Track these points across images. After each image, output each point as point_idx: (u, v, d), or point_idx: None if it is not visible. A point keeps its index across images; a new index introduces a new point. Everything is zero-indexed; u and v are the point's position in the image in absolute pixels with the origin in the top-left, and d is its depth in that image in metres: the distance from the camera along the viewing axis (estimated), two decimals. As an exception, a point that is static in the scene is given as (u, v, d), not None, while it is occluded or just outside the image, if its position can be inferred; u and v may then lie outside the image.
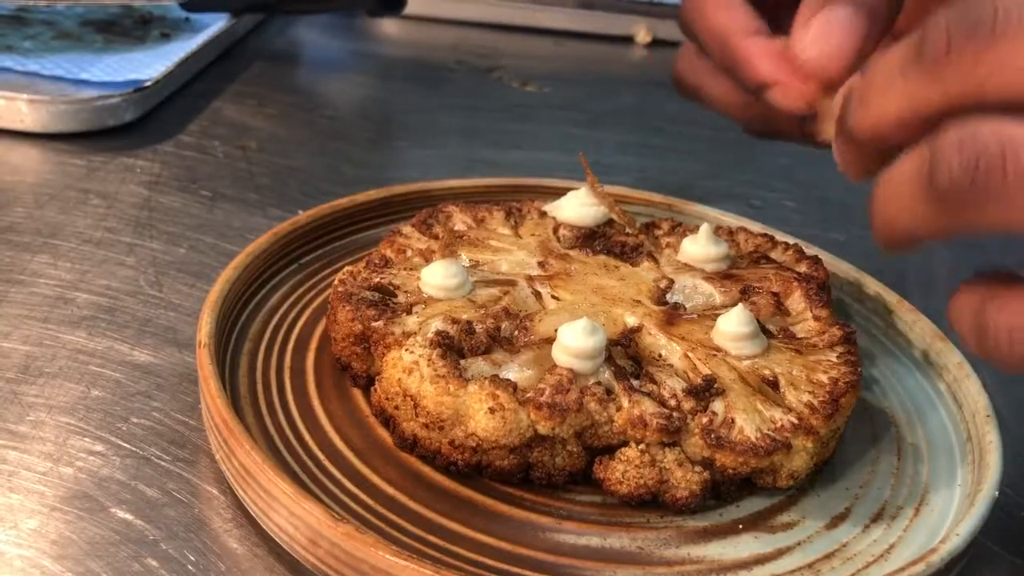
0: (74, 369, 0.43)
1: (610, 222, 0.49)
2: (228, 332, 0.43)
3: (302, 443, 0.38)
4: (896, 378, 0.46)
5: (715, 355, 0.40)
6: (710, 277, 0.45)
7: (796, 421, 0.37)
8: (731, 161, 0.74)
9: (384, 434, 0.39)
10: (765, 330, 0.42)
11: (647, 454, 0.36)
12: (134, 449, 0.39)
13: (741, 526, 0.37)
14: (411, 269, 0.44)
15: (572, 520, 0.37)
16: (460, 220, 0.48)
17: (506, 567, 0.34)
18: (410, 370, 0.37)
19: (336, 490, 0.36)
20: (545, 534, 0.36)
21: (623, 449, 0.37)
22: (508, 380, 0.37)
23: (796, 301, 0.44)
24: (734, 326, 0.40)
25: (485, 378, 0.36)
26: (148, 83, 0.67)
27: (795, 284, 0.44)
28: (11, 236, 0.52)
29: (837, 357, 0.41)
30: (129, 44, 0.75)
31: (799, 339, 0.42)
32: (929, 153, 0.28)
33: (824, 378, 0.39)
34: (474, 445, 0.36)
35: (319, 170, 0.65)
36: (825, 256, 0.50)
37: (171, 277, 0.51)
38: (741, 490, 0.38)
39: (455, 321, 0.39)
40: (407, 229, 0.47)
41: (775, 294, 0.44)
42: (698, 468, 0.37)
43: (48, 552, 0.34)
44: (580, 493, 0.38)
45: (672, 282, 0.45)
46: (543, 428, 0.36)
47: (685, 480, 0.36)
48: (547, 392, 0.36)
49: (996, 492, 0.36)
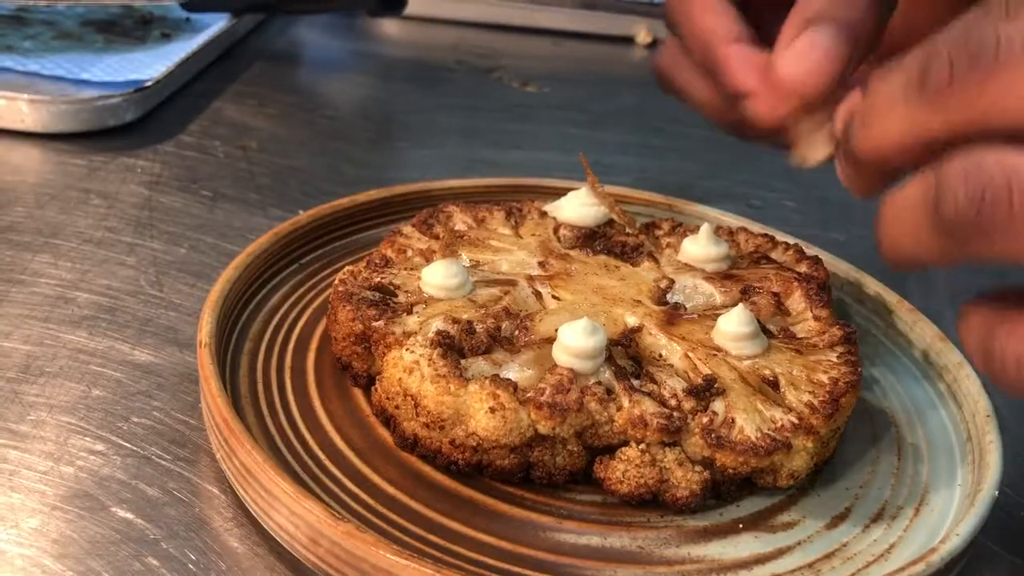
0: (75, 369, 0.43)
1: (610, 222, 0.49)
2: (229, 332, 0.43)
3: (303, 442, 0.38)
4: (896, 378, 0.46)
5: (715, 355, 0.40)
6: (710, 277, 0.45)
7: (796, 421, 0.37)
8: (731, 161, 0.74)
9: (385, 433, 0.39)
10: (765, 330, 0.42)
11: (647, 454, 0.36)
12: (135, 448, 0.39)
13: (741, 526, 0.37)
14: (412, 269, 0.44)
15: (573, 519, 0.37)
16: (460, 220, 0.48)
17: (507, 566, 0.34)
18: (411, 370, 0.37)
19: (337, 489, 0.36)
20: (546, 533, 0.36)
21: (623, 449, 0.37)
22: (508, 380, 0.37)
23: (796, 301, 0.44)
24: (734, 326, 0.40)
25: (486, 378, 0.36)
26: (149, 83, 0.67)
27: (795, 284, 0.44)
28: (12, 236, 0.53)
29: (837, 357, 0.41)
30: (130, 44, 0.75)
31: (799, 339, 0.42)
32: (934, 182, 0.28)
33: (824, 378, 0.39)
34: (475, 444, 0.36)
35: (320, 170, 0.65)
36: (825, 256, 0.50)
37: (172, 277, 0.51)
38: (741, 490, 0.38)
39: (456, 321, 0.39)
40: (408, 229, 0.47)
41: (775, 294, 0.44)
42: (698, 468, 0.37)
43: (49, 551, 0.34)
44: (580, 492, 0.38)
45: (672, 282, 0.45)
46: (543, 428, 0.36)
47: (685, 480, 0.37)
48: (547, 392, 0.36)
49: (996, 492, 0.36)
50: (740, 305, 0.41)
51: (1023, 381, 0.29)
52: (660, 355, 0.40)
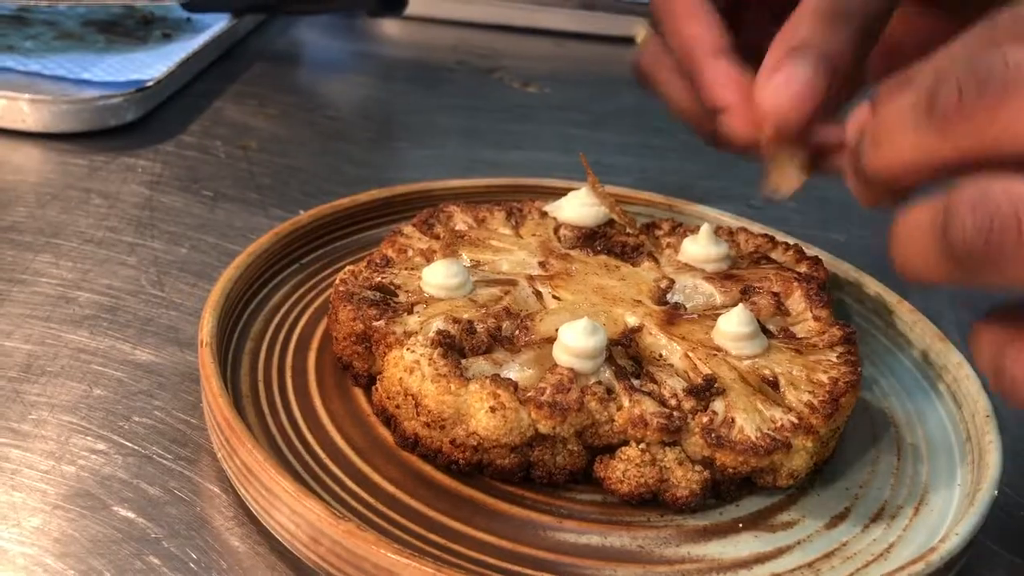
0: (76, 368, 0.43)
1: (611, 222, 0.49)
2: (230, 331, 0.43)
3: (303, 442, 0.38)
4: (896, 378, 0.46)
5: (715, 355, 0.40)
6: (710, 277, 0.45)
7: (796, 421, 0.37)
8: (731, 161, 0.74)
9: (385, 433, 0.39)
10: (765, 330, 0.42)
11: (647, 453, 0.37)
12: (136, 448, 0.39)
13: (741, 525, 0.37)
14: (412, 269, 0.44)
15: (573, 519, 0.37)
16: (461, 220, 0.48)
17: (507, 565, 0.34)
18: (411, 369, 0.37)
19: (337, 488, 0.36)
20: (546, 533, 0.36)
21: (624, 448, 0.37)
22: (509, 379, 0.37)
23: (796, 301, 0.44)
24: (734, 326, 0.40)
25: (486, 377, 0.37)
26: (150, 83, 0.67)
27: (795, 284, 0.45)
28: (13, 235, 0.53)
29: (837, 357, 0.41)
30: (131, 44, 0.75)
31: (799, 339, 0.42)
32: (942, 209, 0.28)
33: (824, 378, 0.39)
34: (475, 444, 0.36)
35: (320, 170, 0.66)
36: (825, 256, 0.50)
37: (173, 276, 0.51)
38: (741, 489, 0.38)
39: (456, 320, 0.40)
40: (408, 229, 0.47)
41: (775, 294, 0.44)
42: (698, 467, 0.37)
43: (50, 550, 0.34)
44: (581, 492, 0.38)
45: (673, 282, 0.45)
46: (544, 427, 0.36)
47: (685, 479, 0.37)
48: (548, 391, 0.36)
49: (995, 492, 0.36)
50: (740, 305, 0.41)
51: None
52: (660, 355, 0.40)
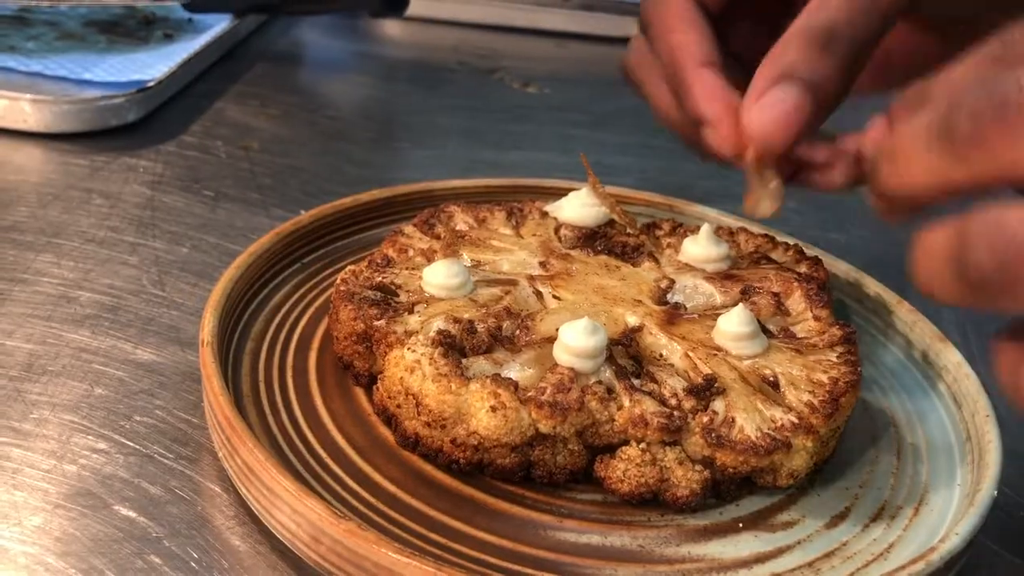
0: (77, 367, 0.43)
1: (611, 222, 0.49)
2: (231, 331, 0.43)
3: (304, 441, 0.38)
4: (896, 378, 0.46)
5: (716, 355, 0.40)
6: (711, 277, 0.45)
7: (796, 420, 0.37)
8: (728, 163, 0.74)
9: (386, 432, 0.40)
10: (765, 330, 0.42)
11: (648, 453, 0.37)
12: (137, 447, 0.39)
13: (741, 525, 0.37)
14: (413, 269, 0.44)
15: (573, 518, 0.37)
16: (462, 220, 0.49)
17: (507, 565, 0.34)
18: (412, 369, 0.37)
19: (338, 488, 0.36)
20: (546, 532, 0.36)
21: (624, 448, 0.37)
22: (509, 379, 0.37)
23: (796, 301, 0.44)
24: (735, 326, 0.40)
25: (487, 377, 0.37)
26: (151, 83, 0.68)
27: (795, 284, 0.45)
28: (15, 235, 0.53)
29: (837, 357, 0.41)
30: (132, 45, 0.75)
31: (799, 339, 0.42)
32: (958, 235, 0.28)
33: (824, 378, 0.39)
34: (476, 443, 0.37)
35: (321, 170, 0.66)
36: (825, 257, 0.50)
37: (174, 276, 0.51)
38: (741, 489, 0.38)
39: (457, 320, 0.40)
40: (409, 229, 0.48)
41: (775, 294, 0.44)
42: (698, 467, 0.37)
43: (52, 549, 0.34)
44: (581, 491, 0.38)
45: (673, 282, 0.45)
46: (544, 427, 0.36)
47: (686, 479, 0.37)
48: (548, 391, 0.36)
49: (995, 492, 0.37)
50: (740, 305, 0.41)
51: None
52: (660, 355, 0.40)
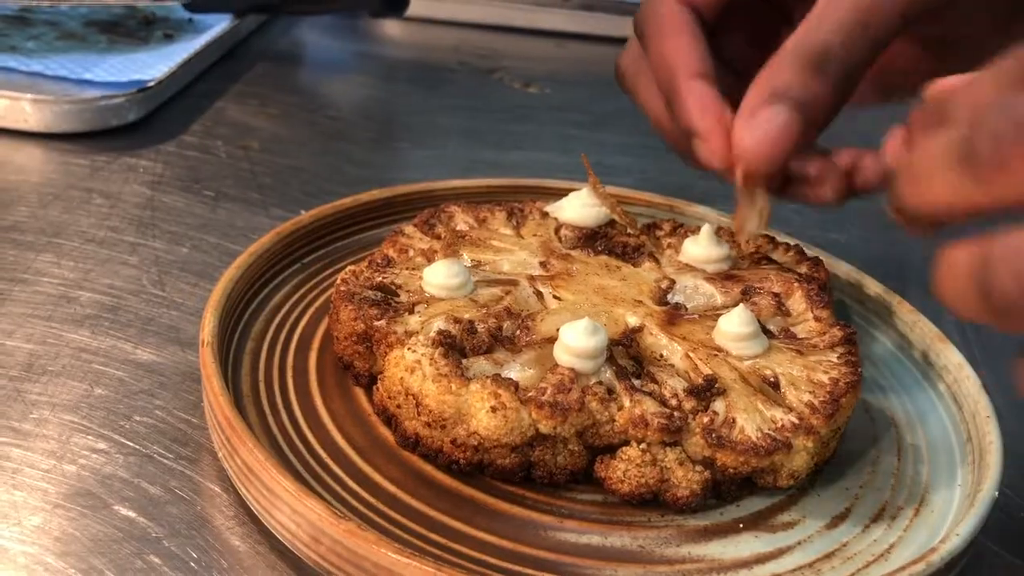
0: (77, 367, 0.43)
1: (612, 223, 0.49)
2: (231, 331, 0.43)
3: (304, 441, 0.38)
4: (896, 379, 0.46)
5: (716, 355, 0.40)
6: (711, 278, 0.45)
7: (797, 421, 0.37)
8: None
9: (386, 432, 0.40)
10: (766, 330, 0.42)
11: (648, 453, 0.37)
12: (137, 447, 0.39)
13: (742, 525, 0.37)
14: (413, 269, 0.44)
15: (573, 519, 0.37)
16: (462, 220, 0.48)
17: (507, 565, 0.34)
18: (412, 369, 0.37)
19: (338, 488, 0.36)
20: (546, 532, 0.36)
21: (624, 448, 0.37)
22: (510, 379, 0.37)
23: (797, 302, 0.44)
24: (735, 326, 0.40)
25: (487, 377, 0.37)
26: (151, 83, 0.67)
27: (796, 285, 0.45)
28: (15, 235, 0.53)
29: (838, 357, 0.41)
30: (133, 45, 0.75)
31: (800, 339, 0.42)
32: (981, 259, 0.28)
33: (825, 378, 0.39)
34: (476, 444, 0.37)
35: (321, 170, 0.66)
36: (826, 257, 0.50)
37: (174, 276, 0.51)
38: (742, 489, 0.38)
39: (457, 320, 0.40)
40: (409, 229, 0.47)
41: (776, 295, 0.44)
42: (699, 467, 0.37)
43: (51, 549, 0.34)
44: (581, 492, 0.38)
45: (673, 282, 0.45)
46: (544, 427, 0.36)
47: (686, 479, 0.37)
48: (549, 391, 0.36)
49: (996, 492, 0.37)
50: (741, 305, 0.41)
51: None
52: (661, 355, 0.40)
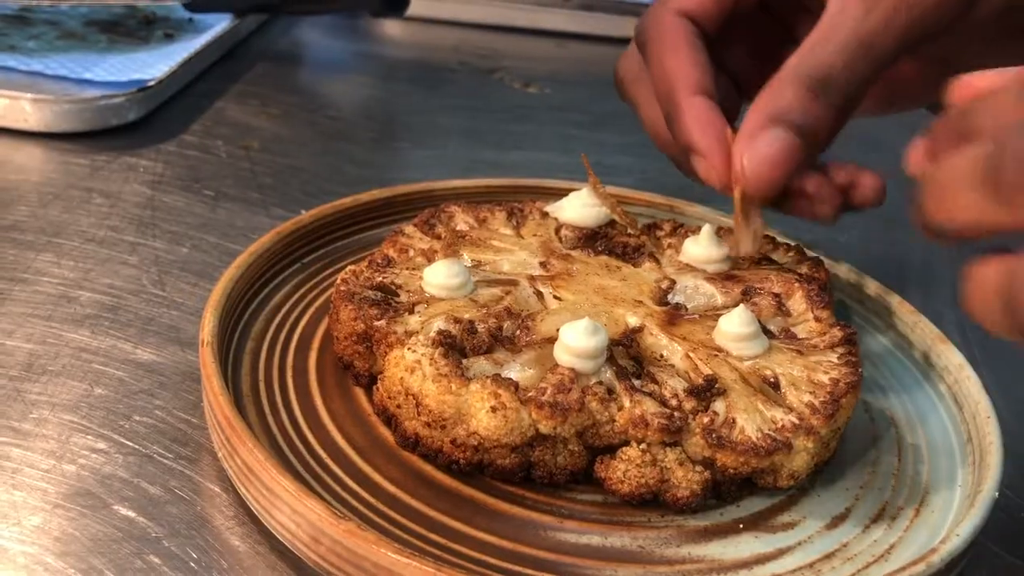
0: (77, 367, 0.43)
1: (612, 223, 0.49)
2: (231, 331, 0.43)
3: (304, 441, 0.38)
4: (897, 379, 0.46)
5: (716, 355, 0.40)
6: (712, 278, 0.45)
7: (797, 421, 0.37)
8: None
9: (386, 433, 0.39)
10: (766, 331, 0.42)
11: (648, 454, 0.37)
12: (137, 447, 0.39)
13: (742, 526, 0.37)
14: (413, 269, 0.44)
15: (573, 519, 0.37)
16: (462, 220, 0.48)
17: (507, 565, 0.34)
18: (412, 369, 0.37)
19: (338, 488, 0.36)
20: (546, 533, 0.36)
21: (624, 448, 0.37)
22: (510, 379, 0.37)
23: (797, 302, 0.44)
24: (735, 327, 0.40)
25: (487, 377, 0.37)
26: (151, 83, 0.67)
27: (796, 285, 0.45)
28: (15, 235, 0.53)
29: (838, 358, 0.41)
30: (133, 44, 0.75)
31: (800, 340, 0.42)
32: (1009, 276, 0.28)
33: (825, 379, 0.39)
34: (476, 444, 0.36)
35: (322, 170, 0.66)
36: (826, 258, 0.50)
37: (174, 276, 0.51)
38: (742, 490, 0.38)
39: (457, 320, 0.40)
40: (409, 229, 0.47)
41: (776, 295, 0.44)
42: (699, 468, 0.37)
43: (51, 549, 0.34)
44: (581, 492, 0.38)
45: (674, 283, 0.45)
46: (544, 427, 0.36)
47: (686, 479, 0.37)
48: (549, 391, 0.36)
49: (996, 493, 0.37)
50: (741, 306, 0.41)
51: None
52: (661, 355, 0.40)
